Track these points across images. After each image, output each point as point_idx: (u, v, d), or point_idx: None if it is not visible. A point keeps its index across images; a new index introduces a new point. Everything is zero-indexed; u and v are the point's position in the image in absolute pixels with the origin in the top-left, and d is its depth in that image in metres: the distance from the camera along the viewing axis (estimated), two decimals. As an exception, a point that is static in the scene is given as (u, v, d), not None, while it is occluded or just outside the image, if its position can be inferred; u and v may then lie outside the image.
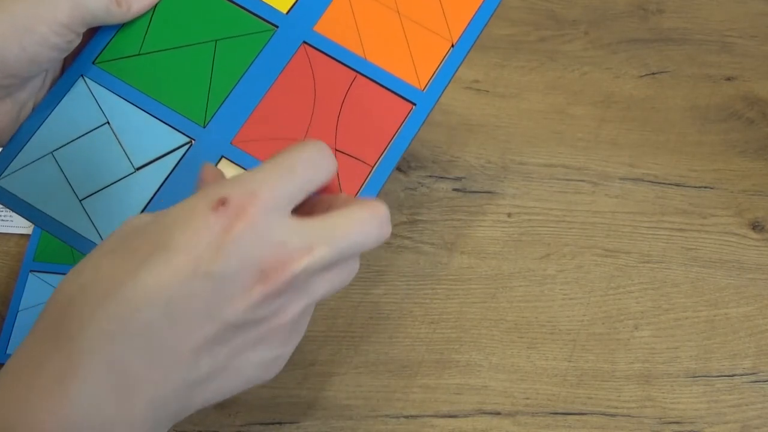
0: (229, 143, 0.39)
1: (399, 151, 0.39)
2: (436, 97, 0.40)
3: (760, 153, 0.60)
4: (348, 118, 0.40)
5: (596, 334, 0.53)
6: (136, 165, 0.39)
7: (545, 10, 0.64)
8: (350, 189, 0.38)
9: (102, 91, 0.40)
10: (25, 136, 0.39)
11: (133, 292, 0.28)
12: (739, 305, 0.54)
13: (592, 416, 0.50)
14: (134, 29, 0.41)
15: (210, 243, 0.28)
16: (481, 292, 0.53)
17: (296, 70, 0.40)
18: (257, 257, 0.28)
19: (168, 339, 0.28)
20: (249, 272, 0.28)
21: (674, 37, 0.64)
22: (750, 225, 0.57)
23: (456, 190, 0.57)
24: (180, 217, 0.29)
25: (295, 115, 0.39)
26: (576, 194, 0.57)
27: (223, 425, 0.49)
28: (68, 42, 0.37)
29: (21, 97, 0.38)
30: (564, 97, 0.61)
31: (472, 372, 0.51)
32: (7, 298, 0.51)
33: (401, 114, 0.40)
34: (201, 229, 0.28)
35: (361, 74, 0.40)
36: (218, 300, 0.28)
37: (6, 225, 0.53)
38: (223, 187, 0.29)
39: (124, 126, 0.39)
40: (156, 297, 0.28)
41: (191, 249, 0.28)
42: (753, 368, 0.52)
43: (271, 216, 0.29)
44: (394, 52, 0.41)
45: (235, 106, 0.40)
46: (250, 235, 0.28)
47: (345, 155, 0.39)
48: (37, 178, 0.39)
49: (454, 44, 0.41)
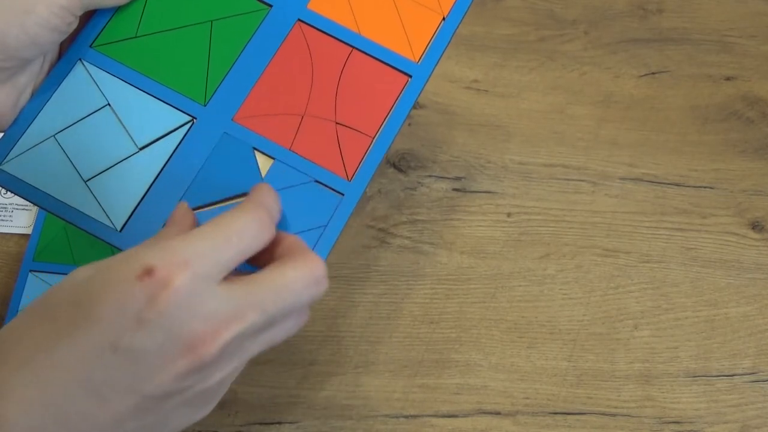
0: (230, 120, 0.40)
1: (398, 121, 0.40)
2: (430, 68, 0.41)
3: (760, 153, 0.60)
4: (346, 91, 0.40)
5: (596, 333, 0.53)
6: (139, 145, 0.39)
7: (545, 10, 0.64)
8: (352, 160, 0.39)
9: (101, 74, 0.40)
10: (26, 121, 0.39)
11: (53, 360, 0.27)
12: (738, 305, 0.54)
13: (591, 416, 0.50)
14: (130, 12, 0.41)
15: (133, 315, 0.27)
16: (480, 292, 0.53)
17: (293, 47, 0.41)
18: (184, 330, 0.27)
19: (88, 410, 0.27)
20: (174, 346, 0.27)
21: (674, 37, 0.64)
22: (750, 225, 0.57)
23: (456, 190, 0.57)
24: (104, 285, 0.28)
25: (294, 91, 0.40)
26: (576, 194, 0.57)
27: (223, 425, 0.49)
28: (68, 24, 0.38)
29: (21, 82, 0.39)
30: (564, 97, 0.61)
31: (472, 372, 0.51)
32: (6, 298, 0.51)
33: (398, 86, 0.41)
34: (124, 299, 0.27)
35: (357, 49, 0.41)
36: (140, 374, 0.27)
37: (6, 225, 0.53)
38: (149, 252, 0.28)
39: (125, 107, 0.40)
40: (75, 367, 0.27)
41: (112, 322, 0.27)
42: (753, 368, 0.52)
43: (199, 286, 0.28)
44: (388, 27, 0.42)
45: (235, 84, 0.40)
46: (175, 307, 0.27)
47: (345, 127, 0.40)
48: (40, 162, 0.39)
49: (445, 17, 0.42)
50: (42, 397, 0.27)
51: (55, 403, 0.27)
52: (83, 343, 0.27)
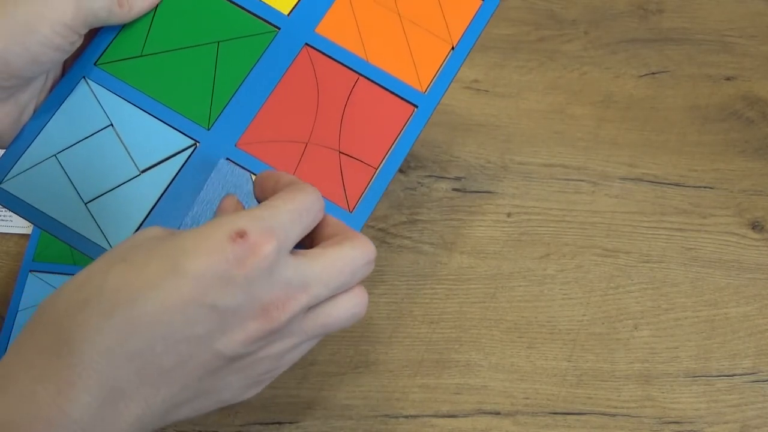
0: (233, 146, 0.39)
1: (402, 152, 0.39)
2: (437, 99, 0.40)
3: (760, 153, 0.60)
4: (351, 120, 0.40)
5: (596, 334, 0.53)
6: (140, 167, 0.39)
7: (545, 10, 0.64)
8: (355, 191, 0.39)
9: (104, 93, 0.40)
10: (27, 139, 0.39)
11: (138, 311, 0.28)
12: (738, 305, 0.54)
13: (591, 416, 0.50)
14: (136, 30, 0.40)
15: (221, 274, 0.28)
16: (480, 292, 0.53)
17: (299, 72, 0.40)
18: (262, 294, 0.29)
19: (164, 362, 0.28)
20: (252, 308, 0.29)
21: (674, 37, 0.64)
22: (750, 225, 0.57)
23: (456, 190, 0.57)
24: (196, 241, 0.29)
25: (299, 118, 0.40)
26: (576, 194, 0.57)
27: (223, 425, 0.49)
28: (71, 43, 0.37)
29: (22, 99, 0.38)
30: (564, 97, 0.61)
31: (472, 372, 0.51)
32: (7, 298, 0.51)
33: (403, 116, 0.40)
34: (215, 258, 0.28)
35: (363, 76, 0.40)
36: (218, 331, 0.29)
37: (6, 225, 0.53)
38: (242, 219, 0.29)
39: (128, 128, 0.39)
40: (160, 320, 0.28)
41: (201, 277, 0.28)
42: (753, 368, 0.52)
43: (279, 256, 0.29)
44: (396, 55, 0.41)
45: (239, 109, 0.40)
46: (259, 272, 0.29)
47: (349, 157, 0.39)
48: (41, 181, 0.38)
49: (454, 46, 0.41)
50: (124, 348, 0.28)
51: (137, 352, 0.28)
52: (172, 294, 0.28)
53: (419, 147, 0.58)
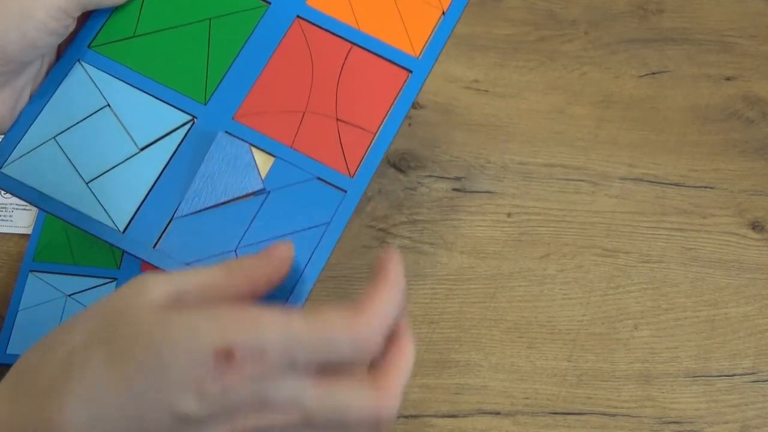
0: (231, 119, 0.40)
1: (399, 117, 0.40)
2: (431, 63, 0.41)
3: (760, 153, 0.60)
4: (347, 88, 0.40)
5: (596, 334, 0.53)
6: (140, 145, 0.39)
7: (545, 10, 0.64)
8: (354, 157, 0.39)
9: (100, 74, 0.40)
10: (26, 123, 0.39)
11: (104, 398, 0.27)
12: (738, 305, 0.54)
13: (591, 416, 0.50)
14: (128, 11, 0.41)
15: (196, 382, 0.27)
16: (480, 292, 0.53)
17: (292, 44, 0.41)
18: (237, 413, 0.28)
19: None
20: (220, 424, 0.28)
21: (674, 37, 0.64)
22: (750, 225, 0.57)
23: (456, 190, 0.57)
24: (181, 339, 0.27)
25: (295, 89, 0.40)
26: (575, 194, 0.57)
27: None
28: (65, 26, 0.38)
29: (19, 84, 0.38)
30: (564, 97, 0.61)
31: (472, 372, 0.51)
32: (7, 298, 0.51)
33: (398, 81, 0.41)
34: (194, 365, 0.27)
35: (357, 45, 0.41)
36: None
37: (6, 225, 0.53)
38: (234, 326, 0.27)
39: (125, 107, 0.40)
40: (125, 408, 0.27)
41: (176, 381, 0.27)
42: (753, 368, 0.52)
43: (268, 374, 0.27)
44: (387, 22, 0.42)
45: (235, 82, 0.40)
46: (235, 392, 0.27)
47: (346, 124, 0.40)
48: (41, 164, 0.39)
49: (444, 11, 0.42)
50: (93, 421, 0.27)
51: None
52: (144, 395, 0.27)
53: (419, 147, 0.58)
